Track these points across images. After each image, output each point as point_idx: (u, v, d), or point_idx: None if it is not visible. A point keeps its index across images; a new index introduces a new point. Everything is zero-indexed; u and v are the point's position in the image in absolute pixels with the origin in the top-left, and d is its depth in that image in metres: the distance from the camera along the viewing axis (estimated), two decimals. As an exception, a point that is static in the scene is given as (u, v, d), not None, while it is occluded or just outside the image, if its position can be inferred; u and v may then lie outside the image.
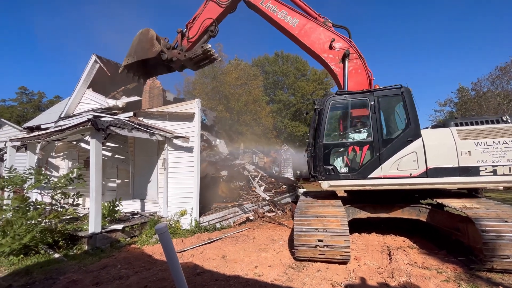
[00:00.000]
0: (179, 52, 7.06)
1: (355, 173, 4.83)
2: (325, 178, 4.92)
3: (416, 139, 4.66)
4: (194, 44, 7.19)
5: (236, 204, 8.99)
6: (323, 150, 4.98)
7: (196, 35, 7.14)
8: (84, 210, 7.87)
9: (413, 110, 4.80)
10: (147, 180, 8.29)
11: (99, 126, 5.79)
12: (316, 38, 6.23)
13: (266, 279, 3.75)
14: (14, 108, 45.59)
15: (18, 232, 4.93)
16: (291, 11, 6.53)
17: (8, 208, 5.26)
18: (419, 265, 4.05)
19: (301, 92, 35.04)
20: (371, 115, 4.92)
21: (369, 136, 4.94)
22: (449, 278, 3.59)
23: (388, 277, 3.65)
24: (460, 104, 23.43)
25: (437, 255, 4.44)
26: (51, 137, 6.83)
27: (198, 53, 6.89)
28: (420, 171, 4.59)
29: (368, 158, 4.82)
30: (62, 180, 6.02)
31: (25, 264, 4.71)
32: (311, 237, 4.25)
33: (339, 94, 5.28)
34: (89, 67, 9.56)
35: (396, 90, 4.96)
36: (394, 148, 4.71)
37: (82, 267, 4.56)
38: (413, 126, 4.72)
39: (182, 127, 7.63)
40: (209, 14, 7.07)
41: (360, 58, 5.89)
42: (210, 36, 7.16)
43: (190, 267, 4.29)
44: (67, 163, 10.27)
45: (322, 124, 5.03)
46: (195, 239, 6.04)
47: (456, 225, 4.50)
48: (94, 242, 5.60)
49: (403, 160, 4.65)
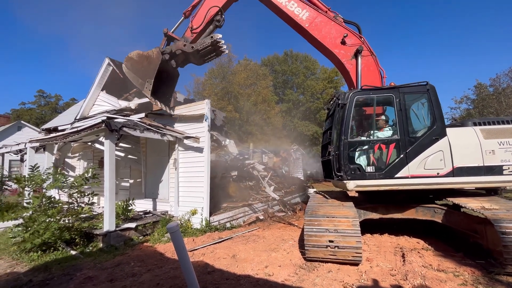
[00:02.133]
0: (184, 44, 6.47)
1: (381, 172, 4.66)
2: (351, 178, 4.69)
3: (442, 138, 4.57)
4: (199, 36, 6.68)
5: (246, 204, 9.02)
6: (348, 148, 4.78)
7: (201, 25, 6.53)
8: (98, 209, 8.11)
9: (439, 108, 4.70)
10: (158, 180, 8.45)
11: (112, 127, 5.95)
12: (328, 32, 6.03)
13: (276, 279, 3.74)
14: (33, 111, 47.53)
15: (38, 229, 5.15)
16: (300, 3, 6.28)
17: (30, 206, 5.49)
18: (434, 267, 3.93)
19: (310, 91, 34.72)
20: (397, 112, 4.79)
21: (395, 134, 4.82)
22: (467, 281, 3.47)
23: (402, 279, 3.57)
24: (478, 101, 22.49)
25: (453, 258, 4.30)
26: (68, 138, 7.08)
27: (206, 44, 6.26)
28: (447, 170, 4.50)
29: (394, 156, 4.68)
30: (78, 180, 6.22)
31: (44, 260, 4.91)
32: (321, 237, 4.21)
33: (363, 90, 5.11)
34: (103, 70, 9.85)
35: (422, 87, 4.83)
36: (420, 146, 4.61)
37: (97, 264, 4.71)
38: (439, 124, 4.64)
39: (193, 128, 7.73)
40: (214, 2, 6.53)
41: (372, 55, 5.75)
42: (217, 26, 6.63)
43: (201, 265, 4.35)
44: (82, 163, 10.62)
45: (346, 121, 4.79)
46: (205, 238, 6.10)
47: (474, 227, 4.34)
48: (109, 240, 5.77)
49: (430, 159, 4.55)
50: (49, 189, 6.18)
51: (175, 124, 8.05)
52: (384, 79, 5.70)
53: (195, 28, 6.62)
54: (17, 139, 17.37)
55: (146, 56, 6.53)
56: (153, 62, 6.49)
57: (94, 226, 6.18)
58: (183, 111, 7.84)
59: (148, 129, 6.86)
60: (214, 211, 7.78)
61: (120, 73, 9.49)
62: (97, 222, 6.54)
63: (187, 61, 7.03)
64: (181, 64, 7.08)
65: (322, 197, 5.63)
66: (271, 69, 37.04)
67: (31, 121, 36.89)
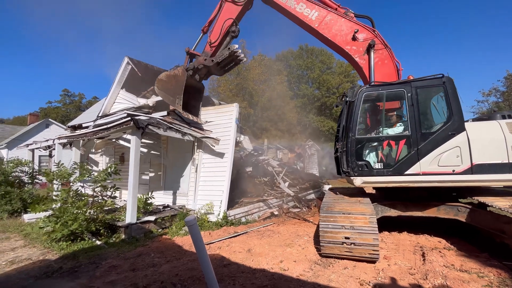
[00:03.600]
0: (205, 59, 7.00)
1: (390, 169, 4.58)
2: (358, 174, 4.71)
3: (460, 133, 4.31)
4: (217, 49, 7.12)
5: (261, 199, 9.08)
6: (355, 145, 4.76)
7: (218, 38, 6.99)
8: (120, 202, 8.50)
9: (456, 102, 4.43)
10: (178, 175, 8.73)
11: (139, 125, 6.29)
12: (338, 30, 5.97)
13: (291, 273, 3.77)
14: (59, 109, 50.22)
15: (67, 220, 5.50)
16: (309, 3, 6.30)
17: (58, 199, 5.87)
18: (456, 267, 3.78)
19: (326, 86, 34.05)
20: (409, 107, 4.61)
21: (406, 130, 4.67)
22: (492, 283, 3.32)
23: (422, 278, 3.47)
24: (508, 93, 21.03)
25: (477, 258, 4.11)
26: (97, 134, 7.49)
27: (225, 56, 6.77)
28: (464, 167, 4.26)
29: (405, 153, 4.55)
30: (102, 174, 6.55)
31: (72, 249, 5.25)
32: (337, 234, 4.18)
33: (373, 86, 5.01)
34: (122, 68, 10.18)
35: (437, 80, 4.58)
36: (434, 142, 4.40)
37: (120, 254, 4.97)
38: (456, 119, 4.38)
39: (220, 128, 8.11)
40: (228, 14, 6.94)
41: (386, 48, 5.56)
42: (233, 37, 7.05)
43: (217, 258, 4.46)
44: (104, 159, 11.13)
45: (354, 118, 4.76)
46: (221, 232, 6.24)
47: (501, 227, 4.11)
48: (130, 232, 6.05)
49: (445, 155, 4.33)
50: (75, 182, 6.55)
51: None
52: (400, 71, 5.50)
53: (213, 42, 7.08)
54: (46, 136, 18.49)
55: (173, 76, 7.16)
56: (179, 80, 7.11)
57: (117, 219, 6.50)
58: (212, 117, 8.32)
59: (170, 128, 7.16)
60: (230, 206, 7.92)
61: (139, 71, 9.79)
62: (119, 214, 6.87)
63: (209, 74, 7.60)
64: (205, 77, 7.62)
65: (338, 193, 5.56)
66: (286, 64, 36.64)
67: (57, 118, 39.06)
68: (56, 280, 3.90)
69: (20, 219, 8.11)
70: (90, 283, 3.70)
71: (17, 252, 5.23)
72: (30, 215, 7.54)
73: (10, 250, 5.36)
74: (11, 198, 8.71)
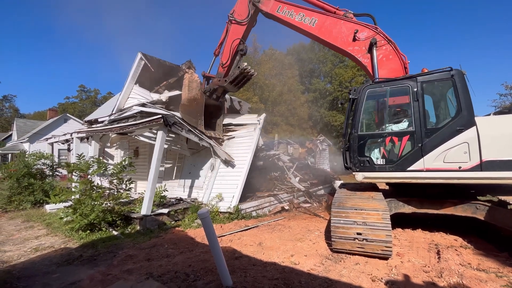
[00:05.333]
0: (219, 79, 7.71)
1: (392, 165, 4.55)
2: (359, 170, 4.76)
3: (469, 128, 4.12)
4: (229, 68, 7.71)
5: (271, 194, 9.12)
6: (358, 141, 4.80)
7: (228, 59, 7.61)
8: (134, 195, 8.76)
9: (466, 96, 4.22)
10: (195, 169, 8.87)
11: (168, 122, 6.59)
12: (338, 32, 6.06)
13: (302, 268, 3.79)
14: (75, 104, 51.98)
15: (85, 211, 5.74)
16: (308, 12, 6.50)
17: (77, 190, 6.13)
18: (473, 266, 3.68)
19: (339, 80, 33.27)
20: (413, 103, 4.49)
21: (410, 126, 4.56)
22: (511, 283, 3.21)
23: (436, 276, 3.40)
24: (533, 86, 19.85)
25: (496, 258, 3.97)
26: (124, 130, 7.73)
27: (236, 74, 7.39)
28: (472, 164, 4.07)
29: (408, 149, 4.47)
30: (117, 167, 6.77)
31: (91, 238, 5.49)
32: (349, 229, 4.14)
33: (376, 82, 4.96)
34: (136, 64, 10.35)
35: (445, 73, 4.38)
36: (440, 138, 4.26)
37: (136, 244, 5.15)
38: (465, 114, 4.17)
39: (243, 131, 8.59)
40: (235, 35, 7.52)
41: (390, 43, 5.50)
42: (242, 55, 7.60)
43: (229, 251, 4.54)
44: (119, 152, 11.47)
45: (358, 115, 4.80)
46: (232, 225, 6.33)
47: (523, 226, 3.94)
48: (145, 223, 6.25)
49: (451, 151, 4.18)
50: (93, 175, 6.81)
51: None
52: (407, 64, 5.40)
53: (224, 63, 7.76)
54: (64, 130, 19.22)
55: (193, 99, 8.21)
56: (199, 103, 8.11)
57: (132, 210, 6.72)
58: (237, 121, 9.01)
59: (190, 131, 7.44)
60: (241, 200, 7.99)
61: (152, 67, 9.94)
62: (134, 206, 7.10)
63: (225, 92, 8.32)
64: (222, 95, 8.38)
65: (349, 189, 5.50)
66: (297, 57, 36.03)
67: (74, 113, 40.48)
68: (77, 267, 4.11)
69: (42, 209, 8.56)
70: (108, 271, 3.87)
71: (40, 240, 5.53)
72: (51, 205, 7.92)
73: (34, 238, 5.68)
74: (33, 189, 9.18)
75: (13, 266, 4.19)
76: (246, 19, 7.30)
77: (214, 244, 3.10)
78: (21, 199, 8.95)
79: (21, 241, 5.51)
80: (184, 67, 10.53)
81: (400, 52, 5.44)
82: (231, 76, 7.48)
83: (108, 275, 3.74)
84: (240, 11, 7.51)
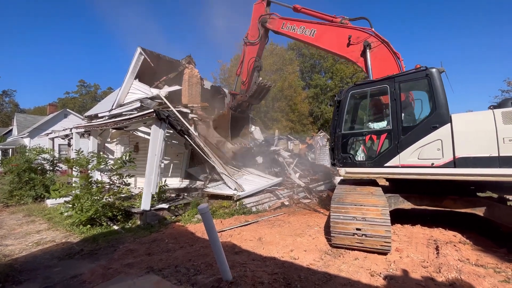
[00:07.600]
0: (241, 96, 9.09)
1: (371, 161, 4.80)
2: (342, 166, 5.09)
3: (443, 126, 4.17)
4: (249, 84, 8.88)
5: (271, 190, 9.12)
6: (341, 139, 5.13)
7: (247, 77, 8.88)
8: (134, 190, 8.79)
9: (441, 94, 4.26)
10: (191, 165, 8.88)
11: (161, 116, 6.69)
12: (334, 39, 6.61)
13: (301, 262, 3.82)
14: (75, 99, 51.84)
15: (84, 206, 5.76)
16: (307, 24, 7.10)
17: (76, 185, 6.15)
18: (472, 262, 3.70)
19: (340, 76, 33.13)
20: (391, 102, 4.67)
21: (388, 124, 4.76)
22: (509, 278, 3.23)
23: (435, 271, 3.43)
24: (535, 82, 19.70)
25: (495, 253, 4.00)
26: (118, 124, 7.74)
27: (254, 89, 8.66)
28: (445, 160, 4.11)
29: (385, 146, 4.69)
30: (117, 163, 6.77)
31: (92, 233, 5.52)
32: (348, 225, 4.17)
33: (358, 85, 5.28)
34: (135, 59, 10.29)
35: (421, 73, 4.49)
36: (414, 136, 4.38)
37: (136, 238, 5.18)
38: (440, 112, 4.23)
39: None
40: (251, 54, 8.74)
41: (384, 43, 5.75)
42: (259, 71, 8.96)
43: (229, 246, 4.57)
44: (120, 148, 11.47)
45: (341, 115, 5.15)
46: (232, 220, 6.36)
47: (522, 222, 3.95)
48: (145, 218, 6.28)
49: (425, 148, 4.26)
50: (92, 170, 6.82)
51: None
52: (401, 61, 5.62)
53: (244, 81, 9.02)
54: (65, 125, 19.16)
55: (222, 115, 9.74)
56: (226, 118, 9.48)
57: (133, 205, 6.75)
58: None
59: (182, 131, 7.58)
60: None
61: (151, 61, 9.88)
62: (134, 201, 7.12)
63: (250, 105, 9.59)
64: (246, 109, 9.71)
65: (349, 185, 5.51)
66: (298, 53, 35.79)
67: (74, 108, 40.40)
68: (78, 261, 4.14)
69: (43, 204, 8.60)
70: (109, 265, 3.90)
71: (42, 235, 5.57)
72: (52, 200, 7.94)
73: (35, 233, 5.72)
74: (34, 184, 9.22)
75: (15, 260, 4.23)
76: (258, 39, 8.49)
77: (214, 239, 3.11)
78: (22, 193, 8.99)
79: (22, 235, 5.55)
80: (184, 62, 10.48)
81: (393, 50, 5.67)
82: (250, 91, 8.69)
83: (109, 269, 3.77)
84: (253, 33, 8.74)
